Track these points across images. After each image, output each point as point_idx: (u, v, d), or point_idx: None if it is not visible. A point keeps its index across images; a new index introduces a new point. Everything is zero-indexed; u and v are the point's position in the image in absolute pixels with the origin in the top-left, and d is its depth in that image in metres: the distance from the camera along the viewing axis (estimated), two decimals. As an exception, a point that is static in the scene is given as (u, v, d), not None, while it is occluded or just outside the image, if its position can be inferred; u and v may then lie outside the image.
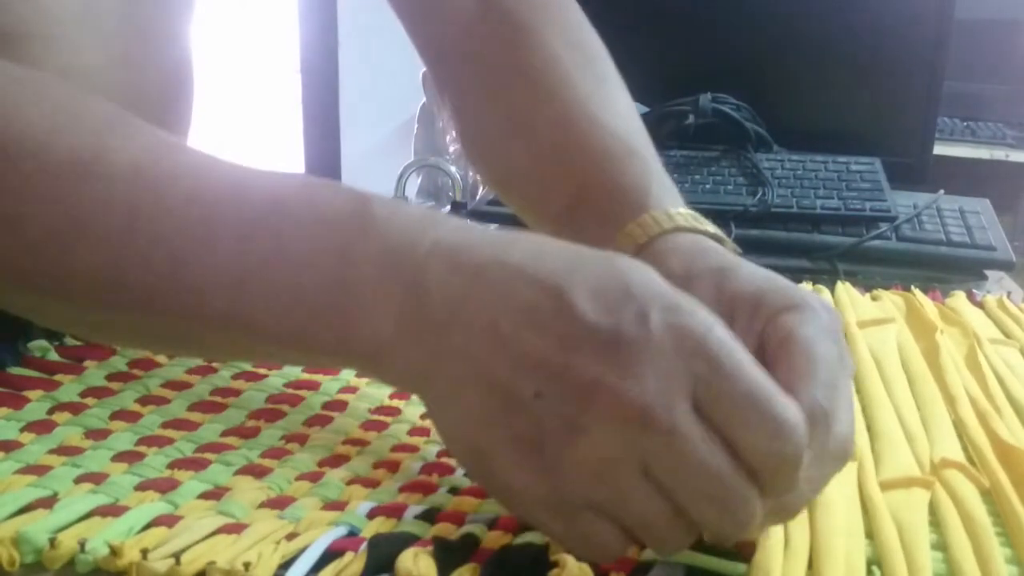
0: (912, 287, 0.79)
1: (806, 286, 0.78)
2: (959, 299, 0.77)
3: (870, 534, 0.44)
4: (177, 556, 0.41)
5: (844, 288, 0.78)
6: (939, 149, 1.19)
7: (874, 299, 0.77)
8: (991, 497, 0.48)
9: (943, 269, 0.89)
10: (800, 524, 0.44)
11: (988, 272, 0.90)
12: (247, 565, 0.40)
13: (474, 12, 0.61)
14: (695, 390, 0.33)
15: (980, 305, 0.77)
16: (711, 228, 0.50)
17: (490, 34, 0.60)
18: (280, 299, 0.36)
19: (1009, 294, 0.80)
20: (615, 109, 0.57)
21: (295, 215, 0.36)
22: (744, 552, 0.43)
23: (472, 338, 0.35)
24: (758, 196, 0.94)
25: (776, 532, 0.44)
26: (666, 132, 1.04)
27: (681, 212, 0.50)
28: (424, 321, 0.35)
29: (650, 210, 0.50)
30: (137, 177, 0.37)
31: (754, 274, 0.44)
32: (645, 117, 1.04)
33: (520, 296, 0.34)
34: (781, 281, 0.43)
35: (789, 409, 0.34)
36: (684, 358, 0.33)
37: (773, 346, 0.39)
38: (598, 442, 0.33)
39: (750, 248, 0.91)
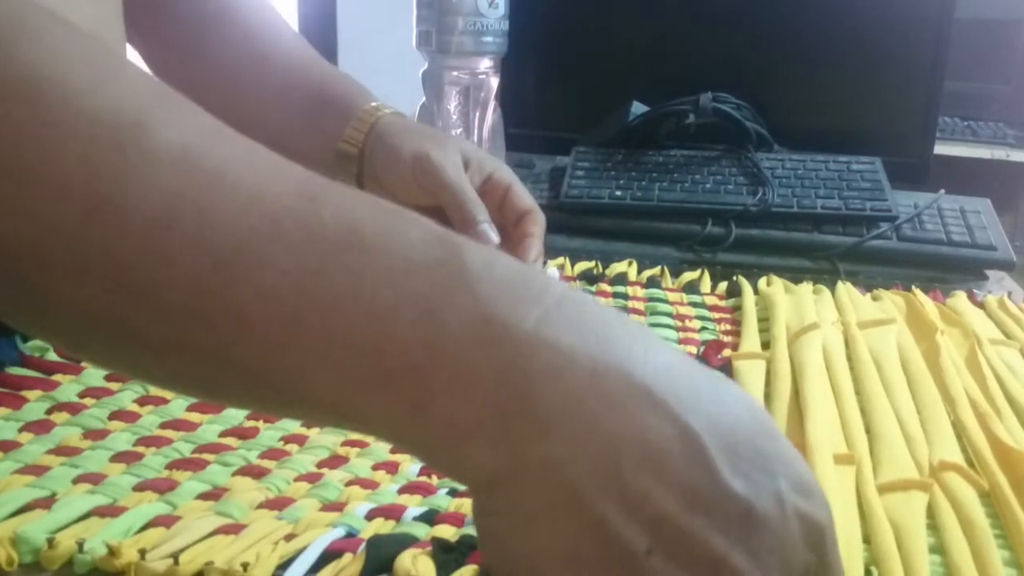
0: (913, 287, 0.79)
1: (806, 286, 0.78)
2: (960, 299, 0.77)
3: (868, 538, 0.44)
4: (175, 556, 0.41)
5: (845, 288, 0.78)
6: (940, 149, 1.18)
7: (875, 299, 0.77)
8: (990, 499, 0.48)
9: (944, 269, 0.89)
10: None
11: (989, 272, 0.90)
12: (245, 566, 0.40)
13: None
14: None
15: (981, 305, 0.77)
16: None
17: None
18: (344, 350, 0.29)
19: (1010, 294, 0.80)
20: (310, 50, 0.77)
21: (377, 252, 0.29)
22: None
23: (579, 461, 0.28)
24: (758, 196, 0.94)
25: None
26: (666, 132, 1.04)
27: (379, 103, 0.71)
28: (519, 419, 0.28)
29: (366, 104, 0.70)
30: (186, 162, 0.29)
31: (462, 140, 0.73)
32: (645, 117, 1.04)
33: (649, 431, 0.28)
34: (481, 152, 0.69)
35: None
36: (806, 549, 0.30)
37: (517, 236, 0.67)
38: None
39: (751, 248, 0.91)
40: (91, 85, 0.29)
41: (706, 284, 0.82)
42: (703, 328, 0.72)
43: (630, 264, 0.85)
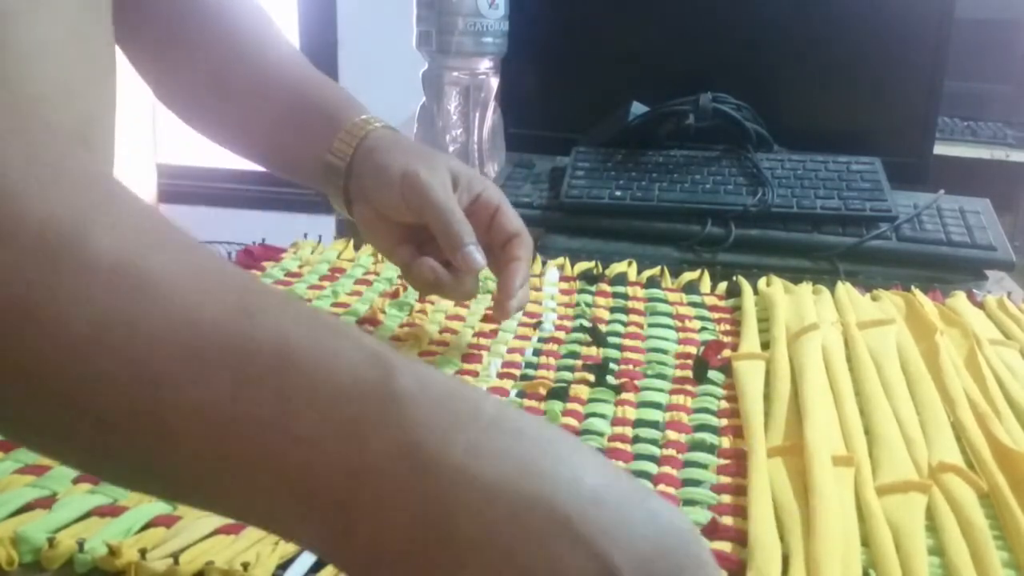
0: (912, 287, 0.79)
1: (806, 286, 0.78)
2: (959, 299, 0.77)
3: (866, 541, 0.44)
4: (176, 556, 0.41)
5: (844, 288, 0.78)
6: (939, 149, 1.18)
7: (874, 299, 0.77)
8: (989, 500, 0.48)
9: (943, 269, 0.89)
10: (796, 532, 0.44)
11: (988, 272, 0.90)
12: (245, 565, 0.40)
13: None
14: None
15: (980, 305, 0.77)
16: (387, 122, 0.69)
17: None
18: (268, 472, 0.29)
19: (1009, 294, 0.80)
20: (303, 59, 0.76)
21: (307, 375, 0.29)
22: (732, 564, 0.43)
23: None
24: (758, 196, 0.94)
25: (772, 541, 0.43)
26: (666, 132, 1.04)
27: (369, 116, 0.68)
28: (436, 550, 0.28)
29: (356, 117, 0.67)
30: (119, 275, 0.29)
31: (452, 159, 0.67)
32: (645, 117, 1.04)
33: (566, 566, 0.28)
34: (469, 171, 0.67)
35: None
36: None
37: (504, 260, 0.64)
38: None
39: (750, 248, 0.91)
40: (27, 186, 0.29)
41: (706, 284, 0.82)
42: (703, 328, 0.72)
43: (630, 264, 0.85)
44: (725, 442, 0.54)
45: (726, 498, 0.49)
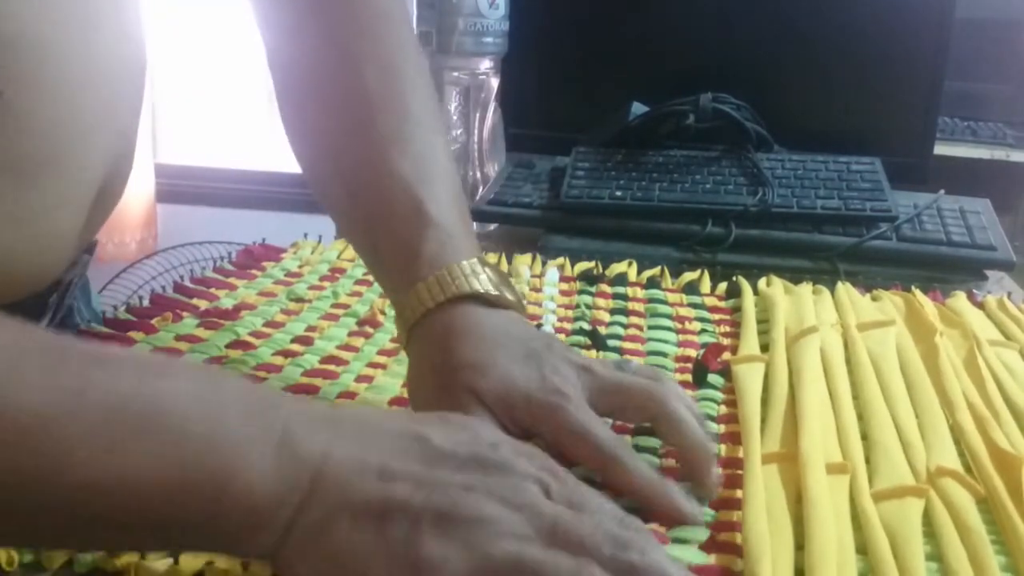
0: (912, 287, 0.79)
1: (806, 287, 0.78)
2: (960, 299, 0.77)
3: (863, 548, 0.44)
4: (176, 556, 0.41)
5: (844, 288, 0.78)
6: (939, 149, 1.18)
7: (874, 299, 0.77)
8: (987, 505, 0.48)
9: (943, 269, 0.89)
10: (790, 541, 0.44)
11: (988, 272, 0.90)
12: (245, 565, 0.40)
13: (298, 20, 0.62)
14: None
15: (980, 306, 0.77)
16: (489, 286, 0.51)
17: (309, 50, 0.61)
18: (152, 460, 0.35)
19: (1010, 294, 0.80)
20: (411, 151, 0.56)
21: (165, 378, 0.37)
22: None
23: (341, 472, 0.38)
24: (758, 196, 0.94)
25: (764, 548, 0.43)
26: (666, 132, 1.04)
27: (454, 273, 0.51)
28: (295, 463, 0.37)
29: (423, 279, 0.51)
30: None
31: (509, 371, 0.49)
32: (645, 117, 1.04)
33: (382, 440, 0.39)
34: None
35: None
36: (534, 471, 0.40)
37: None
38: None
39: (751, 248, 0.91)
40: None
41: (706, 285, 0.82)
42: (703, 330, 0.72)
43: (630, 264, 0.85)
44: (723, 449, 0.54)
45: (723, 510, 0.48)
